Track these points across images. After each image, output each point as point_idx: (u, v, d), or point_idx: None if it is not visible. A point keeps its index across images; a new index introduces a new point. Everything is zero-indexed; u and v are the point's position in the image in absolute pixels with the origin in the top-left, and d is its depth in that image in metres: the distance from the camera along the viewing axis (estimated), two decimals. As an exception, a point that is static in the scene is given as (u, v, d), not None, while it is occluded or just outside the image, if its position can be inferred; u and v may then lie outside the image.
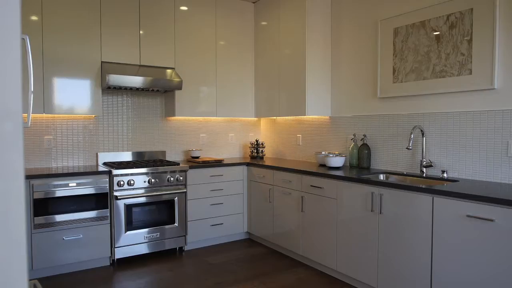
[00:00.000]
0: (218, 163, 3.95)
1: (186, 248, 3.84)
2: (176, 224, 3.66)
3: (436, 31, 2.89)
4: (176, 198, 3.65)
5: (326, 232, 3.13)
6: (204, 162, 3.95)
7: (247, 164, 4.11)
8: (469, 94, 2.72)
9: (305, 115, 3.73)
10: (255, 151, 4.45)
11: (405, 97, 3.15)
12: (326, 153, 3.71)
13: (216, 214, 3.94)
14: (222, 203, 3.97)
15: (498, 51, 2.54)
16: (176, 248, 3.79)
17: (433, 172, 2.95)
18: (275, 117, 4.56)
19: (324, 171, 3.22)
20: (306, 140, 4.18)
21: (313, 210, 3.26)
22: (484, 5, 2.59)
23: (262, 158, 4.46)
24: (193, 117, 4.36)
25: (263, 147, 4.46)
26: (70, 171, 3.27)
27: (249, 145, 4.51)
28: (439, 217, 2.32)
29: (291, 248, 3.53)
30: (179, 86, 3.77)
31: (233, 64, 4.36)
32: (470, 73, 2.68)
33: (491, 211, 2.07)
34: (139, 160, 3.97)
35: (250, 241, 4.12)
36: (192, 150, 4.23)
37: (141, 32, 3.76)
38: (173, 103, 4.02)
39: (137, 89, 3.78)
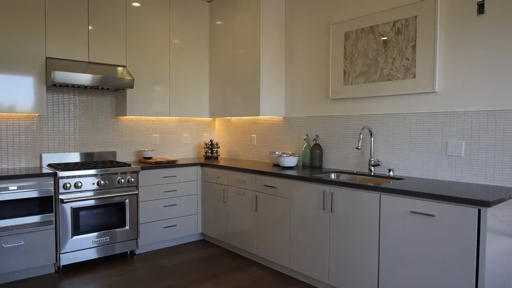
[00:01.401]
0: (171, 164, 3.87)
1: (138, 251, 3.73)
2: (127, 227, 3.54)
3: (383, 36, 3.02)
4: (127, 200, 3.54)
5: (280, 231, 3.17)
6: (157, 162, 3.86)
7: (201, 165, 4.07)
8: (413, 96, 2.87)
9: (259, 115, 3.75)
10: (210, 151, 4.42)
11: (355, 98, 3.26)
12: (280, 153, 3.76)
13: (169, 216, 3.86)
14: (175, 204, 3.90)
15: (438, 57, 2.71)
16: (127, 252, 3.67)
17: (381, 170, 3.09)
18: (229, 117, 4.55)
19: (278, 171, 3.26)
20: (261, 140, 4.21)
21: (267, 210, 3.29)
22: (427, 13, 2.75)
23: (216, 158, 4.43)
24: (146, 117, 4.25)
25: (217, 147, 4.44)
26: (11, 173, 3.06)
27: (204, 145, 4.47)
28: (386, 213, 2.43)
29: (246, 248, 3.54)
30: (130, 85, 3.65)
31: (187, 63, 4.30)
32: (414, 77, 2.83)
33: (432, 207, 2.20)
34: (88, 161, 3.80)
35: (204, 242, 4.07)
36: (145, 150, 4.12)
37: (90, 27, 3.60)
38: (124, 102, 3.88)
39: (86, 87, 3.61)
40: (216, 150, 4.44)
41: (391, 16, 2.97)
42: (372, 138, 3.10)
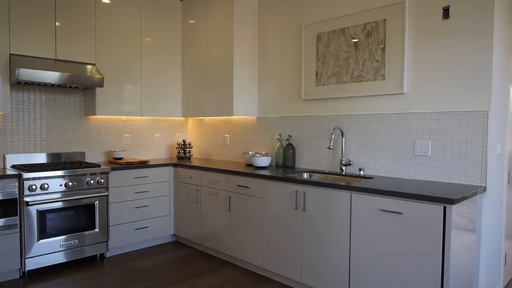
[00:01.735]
0: (143, 164, 3.80)
1: (108, 254, 3.64)
2: (96, 230, 3.45)
3: (354, 39, 3.08)
4: (97, 202, 3.45)
5: (253, 230, 3.18)
6: (128, 163, 3.78)
7: (174, 165, 4.02)
8: (383, 98, 2.95)
9: (232, 115, 3.75)
10: (182, 151, 4.37)
11: (327, 99, 3.31)
12: (253, 153, 3.77)
13: (141, 217, 3.79)
14: (147, 206, 3.83)
15: (407, 59, 2.79)
16: (96, 255, 3.57)
17: (352, 170, 3.15)
18: (202, 117, 4.52)
19: (251, 170, 3.27)
20: (234, 140, 4.21)
21: (240, 210, 3.29)
22: (395, 16, 2.83)
23: (189, 158, 4.39)
24: (116, 116, 4.16)
25: (190, 148, 4.40)
26: (-29, 175, 2.92)
27: (176, 145, 4.42)
28: (356, 212, 2.48)
29: (219, 248, 3.52)
30: (100, 83, 3.56)
31: (159, 62, 4.23)
32: (384, 79, 2.91)
33: (400, 205, 2.27)
34: (55, 162, 3.67)
35: (177, 244, 4.03)
36: (115, 151, 4.02)
37: (57, 24, 3.49)
38: (93, 101, 3.78)
39: (53, 85, 3.49)
40: (189, 150, 4.40)
41: (361, 19, 3.03)
42: (344, 138, 3.16)
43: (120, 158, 4.03)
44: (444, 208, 2.10)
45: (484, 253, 2.52)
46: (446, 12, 2.60)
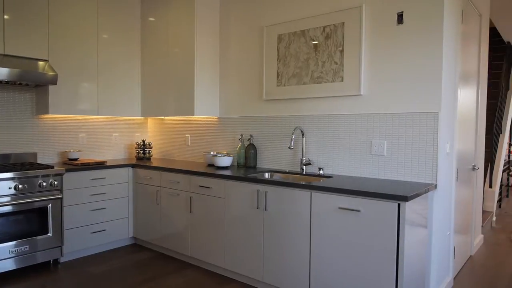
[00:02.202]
0: (100, 165, 3.67)
1: (63, 259, 3.48)
2: (50, 234, 3.29)
3: (314, 41, 3.15)
4: (50, 205, 3.29)
5: (215, 231, 3.16)
6: (83, 164, 3.63)
7: (133, 166, 3.91)
8: (342, 99, 3.03)
9: (193, 115, 3.71)
10: (142, 152, 4.27)
11: (288, 100, 3.36)
12: (215, 153, 3.75)
13: (98, 220, 3.66)
14: (104, 208, 3.70)
15: (364, 62, 2.89)
16: (50, 261, 3.41)
17: (312, 169, 3.21)
18: (163, 117, 4.44)
19: (212, 171, 3.25)
20: (195, 140, 4.16)
21: (201, 210, 3.26)
22: (353, 20, 2.92)
23: (149, 159, 4.29)
24: (71, 115, 3.99)
25: (150, 148, 4.30)
26: None
27: (135, 145, 4.30)
28: (316, 210, 2.53)
29: (180, 250, 3.47)
30: (53, 81, 3.40)
31: (118, 59, 4.10)
32: (342, 80, 2.99)
33: (358, 203, 2.34)
34: (3, 164, 3.46)
35: (136, 246, 3.93)
36: (70, 151, 3.86)
37: (5, 17, 3.29)
38: (46, 99, 3.60)
39: (1, 82, 3.29)
40: (149, 151, 4.30)
41: (321, 22, 3.10)
42: (304, 138, 3.22)
43: (76, 159, 3.87)
44: (398, 205, 2.19)
45: (435, 246, 2.66)
46: (400, 18, 2.71)
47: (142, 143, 4.28)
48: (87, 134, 4.15)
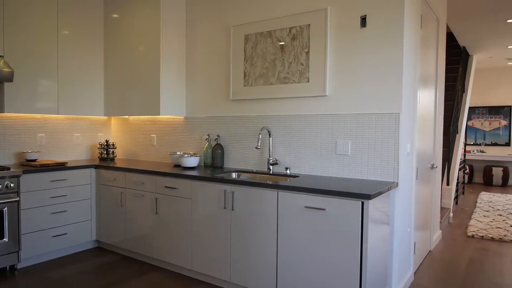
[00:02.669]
0: (60, 166, 3.53)
1: (20, 265, 3.32)
2: (5, 239, 3.13)
3: (281, 41, 3.17)
4: (6, 208, 3.12)
5: (182, 232, 3.12)
6: (42, 165, 3.48)
7: (96, 167, 3.79)
8: (307, 99, 3.08)
9: (159, 115, 3.64)
10: (105, 152, 4.14)
11: (255, 100, 3.37)
12: (181, 153, 3.70)
13: (58, 224, 3.52)
14: (65, 211, 3.57)
15: (329, 63, 2.95)
16: (6, 268, 3.24)
17: (279, 169, 3.24)
18: (127, 116, 4.34)
19: (178, 171, 3.20)
20: (161, 141, 4.09)
21: (167, 212, 3.21)
22: (318, 22, 2.97)
23: (113, 159, 4.18)
24: (29, 114, 3.81)
25: (114, 148, 4.18)
26: None
27: (98, 146, 4.17)
28: (283, 210, 2.56)
29: (145, 252, 3.40)
30: (9, 78, 3.23)
31: (79, 56, 3.96)
32: (308, 81, 3.03)
33: (323, 202, 2.39)
34: (-47, 165, 3.26)
35: (99, 250, 3.81)
36: (28, 152, 3.68)
37: (-45, 9, 3.09)
38: (1, 97, 3.42)
39: (-50, 78, 3.09)
40: (113, 151, 4.18)
41: (287, 23, 3.13)
42: (271, 138, 3.24)
43: (34, 160, 3.71)
44: (362, 203, 2.25)
45: (397, 243, 2.75)
46: (363, 21, 2.79)
47: (105, 143, 4.15)
48: (46, 134, 3.98)
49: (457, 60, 6.63)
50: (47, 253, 3.50)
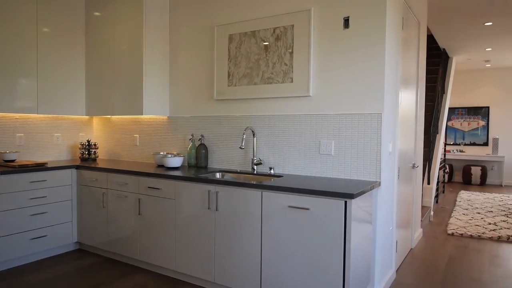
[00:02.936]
0: (39, 167, 3.45)
1: (-2, 269, 3.24)
2: (-18, 242, 3.04)
3: (265, 42, 3.18)
4: (-17, 210, 3.04)
5: (165, 233, 3.10)
6: (21, 166, 3.39)
7: (77, 167, 3.72)
8: (291, 99, 3.09)
9: (142, 114, 3.60)
10: (87, 152, 4.07)
11: (239, 100, 3.37)
12: (165, 153, 3.67)
13: (38, 226, 3.44)
14: (45, 212, 3.49)
15: (312, 64, 2.96)
16: (-17, 271, 3.15)
17: (263, 169, 3.24)
18: (110, 116, 4.27)
19: (162, 171, 3.17)
20: (144, 141, 4.05)
21: (151, 212, 3.18)
22: (302, 23, 2.99)
23: (95, 160, 4.11)
24: (7, 114, 3.71)
25: (95, 148, 4.12)
26: None
27: (80, 146, 4.10)
28: (267, 210, 2.56)
29: (128, 254, 3.36)
30: (-14, 76, 3.14)
31: (60, 54, 3.88)
32: (292, 81, 3.05)
33: (307, 201, 2.40)
34: None
35: (81, 252, 3.74)
36: (6, 152, 3.59)
37: None
38: (-23, 96, 3.33)
39: None
40: (94, 151, 4.11)
41: (271, 23, 3.14)
42: (255, 138, 3.24)
43: (13, 161, 3.61)
44: (345, 202, 2.28)
45: (379, 241, 2.79)
46: (346, 22, 2.82)
47: (87, 143, 4.08)
48: (25, 134, 3.88)
49: (437, 62, 6.77)
50: (25, 256, 3.42)
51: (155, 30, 3.68)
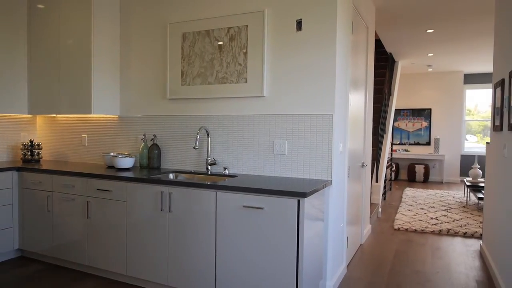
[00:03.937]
0: (-24, 170, 3.20)
1: None
2: None
3: (219, 41, 3.16)
4: None
5: (116, 237, 2.99)
6: (-46, 168, 3.13)
7: (18, 169, 3.49)
8: (245, 100, 3.10)
9: (91, 113, 3.45)
10: (29, 153, 3.83)
11: (193, 99, 3.33)
12: (115, 154, 3.54)
13: (-27, 233, 3.18)
14: (-18, 218, 3.24)
15: (266, 65, 3.00)
16: None
17: (217, 169, 3.23)
18: (55, 115, 4.05)
19: (112, 173, 3.06)
20: (93, 141, 3.88)
21: (100, 216, 3.05)
22: (256, 24, 3.01)
23: (38, 161, 3.87)
24: None
25: (39, 149, 3.89)
26: None
27: (21, 146, 3.85)
28: (222, 210, 2.55)
29: (76, 259, 3.20)
30: None
31: (-3, 49, 3.62)
32: (246, 82, 3.06)
33: (261, 201, 2.42)
34: None
35: (23, 259, 3.51)
36: None
37: None
38: None
39: None
40: (38, 152, 3.88)
41: (225, 23, 3.13)
42: (209, 138, 3.22)
43: None
44: (298, 201, 2.32)
45: (331, 238, 2.88)
46: (299, 25, 2.88)
47: (29, 143, 3.84)
48: (-42, 134, 3.58)
49: (384, 65, 7.10)
50: (-41, 266, 3.16)
51: (105, 24, 3.53)
